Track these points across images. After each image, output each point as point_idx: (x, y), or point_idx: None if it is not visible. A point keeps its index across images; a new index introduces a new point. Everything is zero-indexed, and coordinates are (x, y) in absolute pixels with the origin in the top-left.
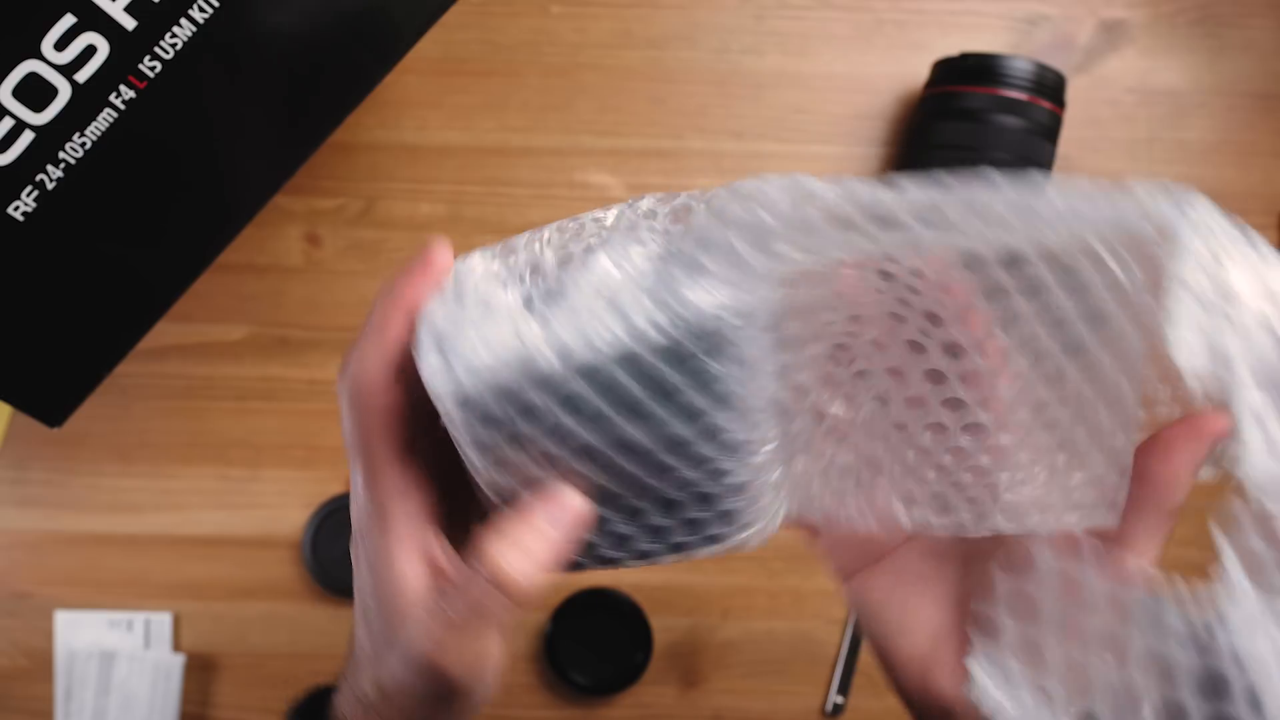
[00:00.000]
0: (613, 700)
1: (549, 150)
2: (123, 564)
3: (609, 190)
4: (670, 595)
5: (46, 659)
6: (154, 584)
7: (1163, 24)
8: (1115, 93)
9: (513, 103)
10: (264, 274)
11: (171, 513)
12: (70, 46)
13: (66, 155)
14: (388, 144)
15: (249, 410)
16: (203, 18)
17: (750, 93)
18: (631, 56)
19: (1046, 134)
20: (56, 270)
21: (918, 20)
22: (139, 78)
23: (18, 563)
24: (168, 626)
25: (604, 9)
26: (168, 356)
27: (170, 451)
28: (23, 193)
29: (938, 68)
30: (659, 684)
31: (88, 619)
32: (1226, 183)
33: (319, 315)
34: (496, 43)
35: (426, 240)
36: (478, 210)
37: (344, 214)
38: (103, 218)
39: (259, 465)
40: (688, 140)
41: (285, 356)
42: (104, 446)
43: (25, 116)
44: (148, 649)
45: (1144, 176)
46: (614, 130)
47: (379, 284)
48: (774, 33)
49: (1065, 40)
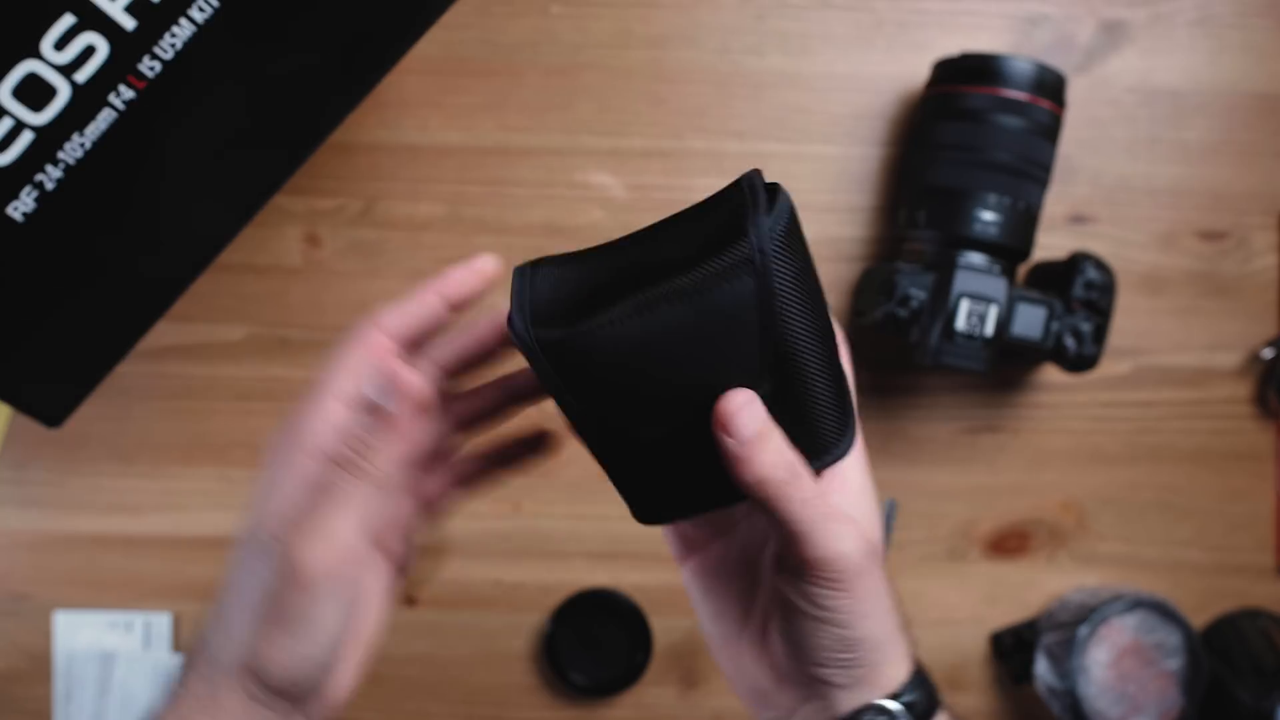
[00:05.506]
0: (613, 700)
1: (549, 150)
2: (122, 564)
3: (609, 190)
4: (670, 595)
5: (46, 660)
6: (154, 584)
7: (1163, 24)
8: (1115, 93)
9: (513, 103)
10: (264, 274)
11: (171, 513)
12: (70, 46)
13: (66, 155)
14: (388, 144)
15: (249, 410)
16: (203, 18)
17: (751, 93)
18: (632, 56)
19: (1047, 134)
20: (56, 270)
21: (918, 20)
22: (139, 78)
23: (17, 563)
24: (167, 627)
25: (604, 9)
26: (168, 356)
27: (170, 452)
28: (22, 193)
29: (938, 68)
30: (659, 684)
31: (87, 620)
32: (1226, 183)
33: (319, 315)
34: (496, 43)
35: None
36: (478, 210)
37: (344, 214)
38: (103, 218)
39: (259, 465)
40: (688, 140)
41: (285, 357)
42: (104, 446)
43: (25, 116)
44: (147, 650)
45: (1144, 176)
46: (614, 130)
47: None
48: (774, 33)
49: (1065, 40)
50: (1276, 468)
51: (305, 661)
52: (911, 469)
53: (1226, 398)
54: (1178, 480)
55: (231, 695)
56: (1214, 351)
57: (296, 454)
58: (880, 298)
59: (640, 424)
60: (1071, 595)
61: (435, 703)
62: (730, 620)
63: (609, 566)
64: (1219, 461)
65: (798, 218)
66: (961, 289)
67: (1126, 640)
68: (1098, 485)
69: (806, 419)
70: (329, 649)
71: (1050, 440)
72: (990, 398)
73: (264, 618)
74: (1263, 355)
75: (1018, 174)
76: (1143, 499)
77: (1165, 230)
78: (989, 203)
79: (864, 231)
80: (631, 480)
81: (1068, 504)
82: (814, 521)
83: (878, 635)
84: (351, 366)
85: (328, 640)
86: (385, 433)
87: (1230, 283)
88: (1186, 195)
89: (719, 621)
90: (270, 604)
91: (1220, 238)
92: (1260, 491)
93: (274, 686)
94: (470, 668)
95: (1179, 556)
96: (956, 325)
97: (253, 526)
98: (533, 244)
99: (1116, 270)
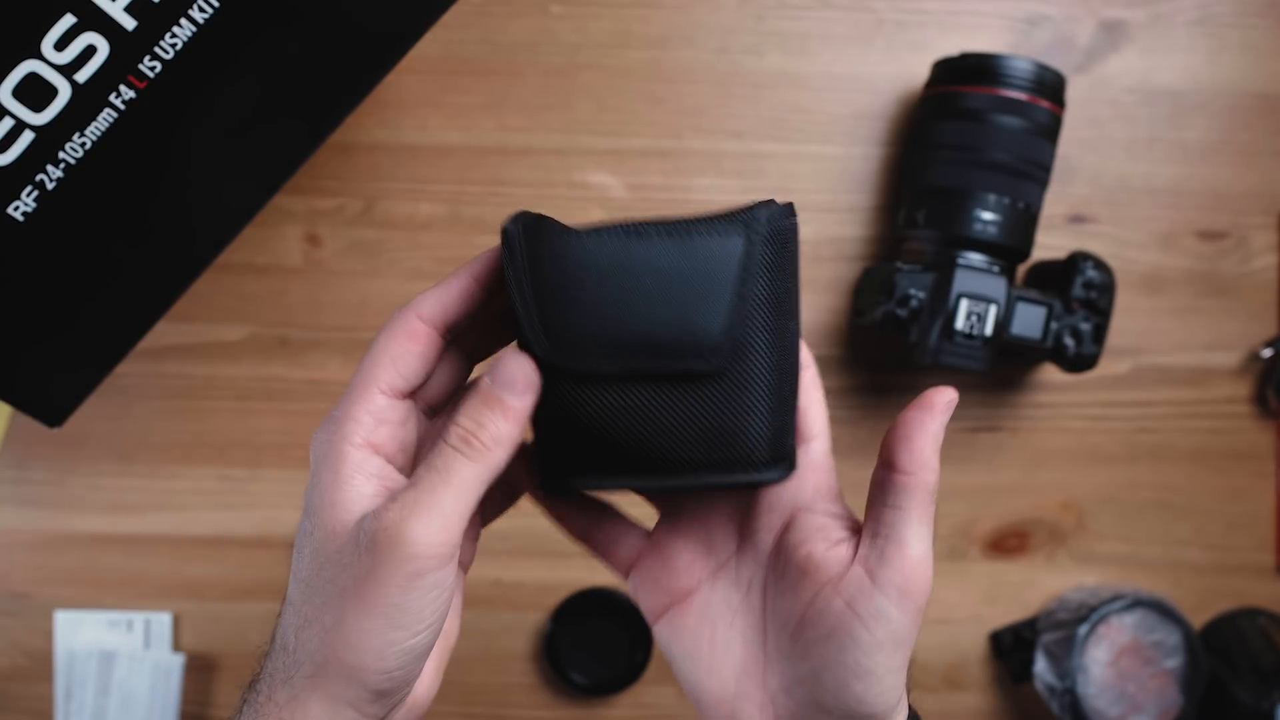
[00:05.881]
0: (613, 700)
1: (549, 150)
2: (123, 564)
3: (609, 190)
4: None
5: (46, 659)
6: (154, 584)
7: (1163, 24)
8: (1115, 93)
9: (513, 103)
10: (264, 274)
11: (171, 513)
12: (70, 46)
13: (66, 155)
14: (388, 144)
15: (249, 410)
16: (203, 18)
17: (750, 93)
18: (631, 56)
19: (1046, 134)
20: (56, 270)
21: (918, 20)
22: (139, 78)
23: (18, 563)
24: (167, 626)
25: (604, 9)
26: (168, 356)
27: (170, 451)
28: (23, 193)
29: (938, 68)
30: (659, 684)
31: (87, 619)
32: (1226, 183)
33: (319, 315)
34: (496, 43)
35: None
36: (477, 210)
37: (344, 214)
38: (103, 218)
39: (259, 465)
40: (688, 140)
41: (285, 356)
42: (104, 446)
43: (25, 116)
44: (147, 649)
45: (1144, 176)
46: (614, 130)
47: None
48: (774, 33)
49: (1065, 40)
50: (1276, 467)
51: (405, 655)
52: None
53: (1226, 397)
54: (1177, 480)
55: (318, 700)
56: (1213, 351)
57: (344, 446)
58: (880, 297)
59: (591, 354)
60: (1071, 594)
61: (435, 702)
62: (725, 674)
63: None
64: (1218, 461)
65: (797, 241)
66: (961, 289)
67: (1126, 639)
68: (1097, 485)
69: (735, 417)
70: (430, 640)
71: (1050, 440)
72: (990, 397)
73: (364, 609)
74: (1262, 355)
75: (1017, 174)
76: (1142, 498)
77: (1165, 230)
78: (988, 203)
79: (863, 231)
80: (557, 431)
81: (1067, 503)
82: (928, 536)
83: (903, 685)
84: (395, 355)
85: (430, 631)
86: (500, 419)
87: (1230, 282)
88: (1186, 195)
89: (712, 676)
90: (370, 592)
91: (1220, 237)
92: (1260, 491)
93: (370, 684)
94: (470, 667)
95: (1178, 556)
96: (956, 325)
97: (319, 525)
98: None
99: (1116, 270)
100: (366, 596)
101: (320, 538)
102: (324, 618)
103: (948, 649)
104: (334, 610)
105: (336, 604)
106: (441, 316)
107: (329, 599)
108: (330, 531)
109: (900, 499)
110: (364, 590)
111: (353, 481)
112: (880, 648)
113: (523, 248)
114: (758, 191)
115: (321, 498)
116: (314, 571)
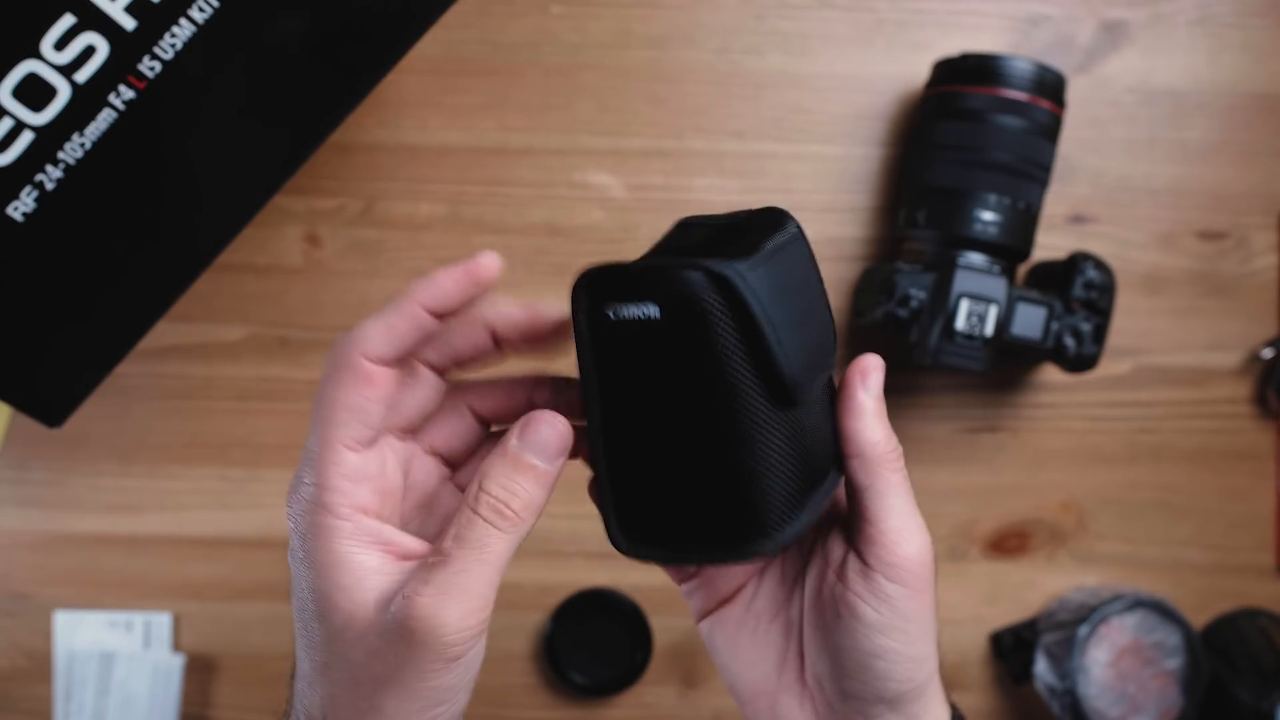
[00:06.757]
0: (613, 700)
1: (549, 150)
2: (123, 564)
3: (609, 190)
4: (670, 595)
5: (46, 659)
6: (154, 584)
7: (1163, 24)
8: (1115, 93)
9: (513, 103)
10: (264, 274)
11: (171, 513)
12: (70, 46)
13: (66, 156)
14: (388, 144)
15: (249, 410)
16: (203, 18)
17: (751, 93)
18: (631, 56)
19: (1047, 134)
20: (56, 270)
21: (918, 20)
22: (139, 78)
23: (18, 563)
24: (167, 627)
25: (604, 9)
26: (168, 356)
27: (170, 451)
28: (22, 193)
29: (938, 68)
30: (659, 684)
31: (87, 619)
32: (1226, 183)
33: (319, 315)
34: (496, 43)
35: (480, 250)
36: (478, 210)
37: (344, 214)
38: (103, 218)
39: (259, 465)
40: (688, 140)
41: (285, 357)
42: (104, 446)
43: (25, 116)
44: (147, 649)
45: (1144, 176)
46: (614, 130)
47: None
48: (774, 33)
49: (1065, 40)
50: (1276, 467)
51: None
52: (911, 469)
53: (1226, 397)
54: (1177, 480)
55: None
56: (1213, 351)
57: (330, 521)
58: (880, 297)
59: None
60: (1071, 595)
61: None
62: (767, 667)
63: (609, 566)
64: (1219, 461)
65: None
66: (961, 289)
67: (1126, 640)
68: (1097, 485)
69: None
70: (467, 699)
71: (1050, 440)
72: (990, 398)
73: (404, 695)
74: (1262, 355)
75: (1017, 174)
76: (1142, 499)
77: (1165, 230)
78: (989, 203)
79: (864, 231)
80: (629, 487)
81: (1067, 504)
82: (903, 507)
83: (930, 664)
84: (352, 406)
85: (467, 693)
86: (533, 485)
87: (1230, 283)
88: (1186, 195)
89: (754, 669)
90: (409, 679)
91: (1220, 238)
92: (1260, 491)
93: None
94: None
95: (1179, 556)
96: (956, 325)
97: (332, 610)
98: (533, 244)
99: (1116, 270)
100: (405, 683)
101: (338, 623)
102: (358, 703)
103: (948, 649)
104: (369, 697)
105: (370, 691)
106: (393, 352)
107: (360, 684)
108: (349, 616)
109: (861, 478)
110: (402, 678)
111: (354, 557)
112: (890, 625)
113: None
114: (759, 191)
115: (327, 581)
116: (335, 655)
